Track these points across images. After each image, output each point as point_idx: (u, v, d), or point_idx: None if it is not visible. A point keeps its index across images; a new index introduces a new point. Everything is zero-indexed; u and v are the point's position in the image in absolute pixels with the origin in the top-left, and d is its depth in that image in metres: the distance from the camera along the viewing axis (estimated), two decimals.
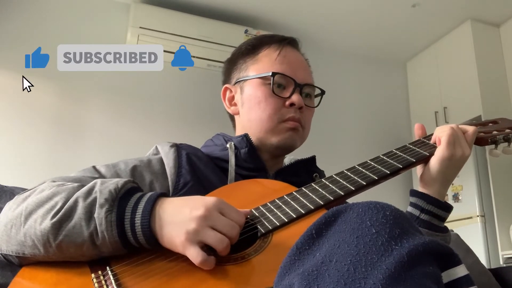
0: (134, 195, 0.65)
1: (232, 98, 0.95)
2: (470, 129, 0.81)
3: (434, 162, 0.78)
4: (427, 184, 0.80)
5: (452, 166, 0.78)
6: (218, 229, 0.60)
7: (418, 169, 0.83)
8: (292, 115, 0.88)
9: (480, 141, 0.85)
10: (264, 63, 0.91)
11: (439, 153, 0.77)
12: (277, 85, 0.89)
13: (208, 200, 0.62)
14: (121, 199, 0.63)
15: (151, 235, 0.61)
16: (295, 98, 0.88)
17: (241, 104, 0.93)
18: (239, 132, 0.96)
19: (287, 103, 0.88)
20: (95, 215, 0.61)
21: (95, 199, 0.62)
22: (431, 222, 0.78)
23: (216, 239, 0.59)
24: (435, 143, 0.81)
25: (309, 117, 0.94)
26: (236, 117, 0.97)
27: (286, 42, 0.94)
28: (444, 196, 0.81)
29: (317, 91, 0.96)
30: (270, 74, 0.88)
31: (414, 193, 0.81)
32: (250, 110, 0.90)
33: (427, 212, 0.78)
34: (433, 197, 0.78)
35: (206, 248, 0.60)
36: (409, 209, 0.80)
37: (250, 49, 0.94)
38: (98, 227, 0.60)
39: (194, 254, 0.58)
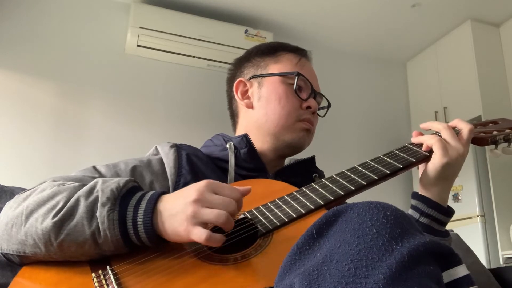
0: (135, 194, 0.65)
1: (246, 92, 0.97)
2: (466, 127, 0.79)
3: (431, 168, 0.77)
4: (427, 188, 0.79)
5: (450, 169, 0.77)
6: (214, 208, 0.60)
7: (419, 170, 0.83)
8: (308, 116, 0.92)
9: (480, 141, 0.84)
10: (286, 64, 0.94)
11: (435, 161, 0.76)
12: (298, 86, 0.92)
13: (199, 183, 0.63)
14: (122, 198, 0.63)
15: (154, 233, 0.61)
16: (312, 102, 0.92)
17: (257, 98, 0.94)
18: (242, 127, 0.96)
19: (304, 105, 0.92)
20: (97, 213, 0.61)
21: (97, 198, 0.63)
22: (431, 225, 0.78)
23: (214, 215, 0.59)
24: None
25: (316, 123, 0.97)
26: (243, 112, 0.97)
27: (304, 52, 0.99)
28: (446, 200, 0.80)
29: (322, 103, 1.00)
30: (296, 73, 0.92)
31: (415, 196, 0.80)
32: (268, 105, 0.92)
33: (426, 215, 0.77)
34: (435, 201, 0.78)
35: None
36: (410, 211, 0.80)
37: (270, 50, 0.98)
38: (100, 226, 0.60)
39: (198, 234, 0.58)
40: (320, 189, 0.72)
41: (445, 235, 0.80)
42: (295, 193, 0.72)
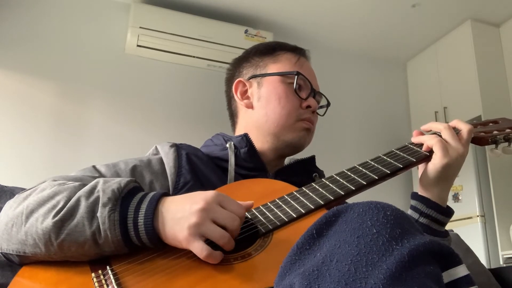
0: (136, 194, 0.65)
1: (245, 92, 0.96)
2: (465, 127, 0.79)
3: (432, 169, 0.77)
4: (427, 189, 0.79)
5: (451, 170, 0.77)
6: (218, 222, 0.60)
7: (418, 172, 0.83)
8: (308, 116, 0.92)
9: (480, 141, 0.84)
10: (285, 64, 0.94)
11: (436, 161, 0.76)
12: (298, 85, 0.91)
13: (208, 193, 0.63)
14: (123, 199, 0.63)
15: (154, 234, 0.61)
16: (312, 101, 0.92)
17: (257, 98, 0.94)
18: (242, 127, 0.96)
19: (304, 104, 0.92)
20: (98, 214, 0.61)
21: (97, 198, 0.63)
22: (430, 226, 0.78)
23: (218, 234, 0.59)
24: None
25: (316, 122, 0.96)
26: (243, 112, 0.97)
27: (303, 52, 0.99)
28: (446, 200, 0.80)
29: (322, 102, 1.00)
30: (295, 73, 0.92)
31: (414, 196, 0.80)
32: (268, 105, 0.92)
33: (426, 215, 0.77)
34: (434, 202, 0.78)
35: (212, 245, 0.60)
36: (409, 212, 0.80)
37: (269, 49, 0.97)
38: (101, 226, 0.60)
39: (199, 249, 0.58)
40: (320, 189, 0.72)
41: (445, 236, 0.80)
42: (295, 193, 0.72)
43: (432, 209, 0.77)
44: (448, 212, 0.79)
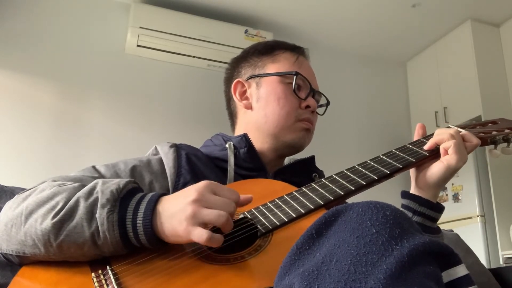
0: (135, 195, 0.65)
1: (244, 92, 0.96)
2: (474, 140, 0.80)
3: (439, 169, 0.76)
4: (424, 189, 0.79)
5: (453, 174, 0.77)
6: (214, 208, 0.60)
7: (412, 171, 0.82)
8: (307, 116, 0.92)
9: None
10: (283, 64, 0.94)
11: (449, 161, 0.75)
12: (297, 85, 0.91)
13: (199, 184, 0.63)
14: (122, 200, 0.63)
15: (153, 235, 0.61)
16: (311, 101, 0.92)
17: (256, 99, 0.94)
18: (241, 127, 0.96)
19: (303, 104, 0.92)
20: (97, 215, 0.61)
21: (96, 199, 0.62)
22: (423, 223, 0.78)
23: (214, 215, 0.59)
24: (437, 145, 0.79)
25: (316, 122, 0.96)
26: (242, 112, 0.97)
27: (302, 50, 0.98)
28: (437, 198, 0.80)
29: (321, 101, 1.00)
30: (294, 73, 0.91)
31: (405, 195, 0.80)
32: (267, 106, 0.92)
33: (419, 214, 0.77)
34: (425, 199, 0.78)
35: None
36: None
37: (267, 49, 0.97)
38: (100, 227, 0.60)
39: (199, 234, 0.58)
40: (319, 189, 0.72)
41: (437, 232, 0.80)
42: (295, 193, 0.72)
43: (424, 206, 0.77)
44: (439, 208, 0.79)
